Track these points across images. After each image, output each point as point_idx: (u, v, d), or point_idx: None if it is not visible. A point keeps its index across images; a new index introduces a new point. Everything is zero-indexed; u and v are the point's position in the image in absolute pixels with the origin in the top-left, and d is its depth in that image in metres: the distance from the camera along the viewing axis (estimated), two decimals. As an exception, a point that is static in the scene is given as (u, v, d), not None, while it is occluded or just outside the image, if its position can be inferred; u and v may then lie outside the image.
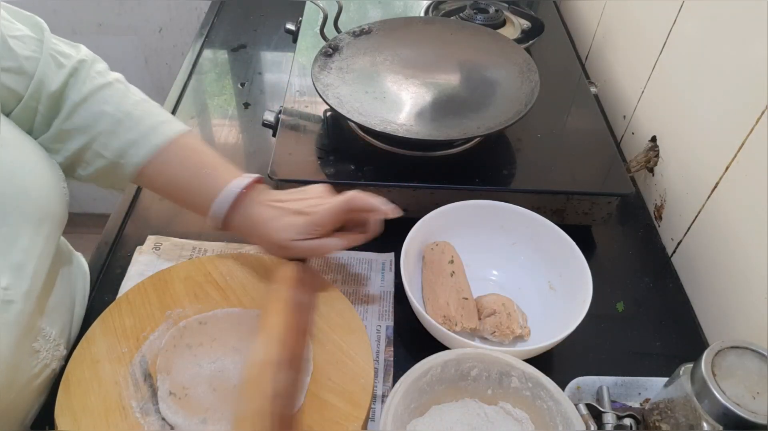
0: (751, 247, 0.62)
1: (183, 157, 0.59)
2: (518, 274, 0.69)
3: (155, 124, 0.58)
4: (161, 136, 0.58)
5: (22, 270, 0.46)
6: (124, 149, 0.57)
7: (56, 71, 0.54)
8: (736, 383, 0.44)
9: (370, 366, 0.54)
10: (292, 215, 0.58)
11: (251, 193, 0.59)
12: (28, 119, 0.54)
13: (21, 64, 0.52)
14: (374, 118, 0.73)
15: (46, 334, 0.52)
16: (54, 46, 0.55)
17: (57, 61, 0.55)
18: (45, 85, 0.53)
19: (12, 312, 0.44)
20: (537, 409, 0.53)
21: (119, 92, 0.58)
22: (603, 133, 0.81)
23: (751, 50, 0.62)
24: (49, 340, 0.52)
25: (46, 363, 0.52)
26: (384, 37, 0.87)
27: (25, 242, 0.46)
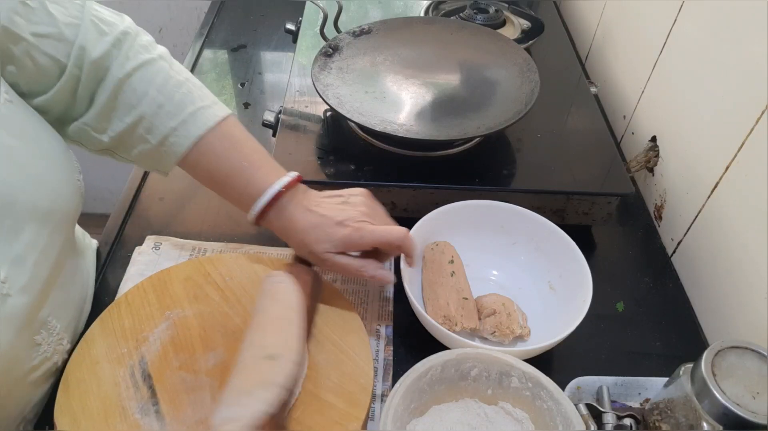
0: (751, 247, 0.62)
1: (222, 149, 0.58)
2: (518, 274, 0.69)
3: (195, 111, 0.57)
4: (200, 125, 0.57)
5: (22, 264, 0.45)
6: (165, 136, 0.56)
7: (98, 38, 0.53)
8: (736, 383, 0.44)
9: (369, 366, 0.54)
10: (334, 226, 0.56)
11: (290, 193, 0.57)
12: (71, 90, 0.53)
13: (61, 30, 0.50)
14: (374, 118, 0.73)
15: (51, 327, 0.52)
16: (96, 13, 0.54)
17: (99, 28, 0.53)
18: (87, 51, 0.52)
19: (8, 305, 0.44)
20: (537, 409, 0.53)
21: (163, 71, 0.57)
22: (603, 133, 0.81)
23: (751, 50, 0.62)
24: (53, 333, 0.52)
25: (47, 356, 0.52)
26: (384, 37, 0.87)
27: (28, 235, 0.45)
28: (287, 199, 0.57)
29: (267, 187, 0.57)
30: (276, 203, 0.57)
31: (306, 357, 0.54)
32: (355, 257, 0.58)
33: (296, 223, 0.57)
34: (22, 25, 0.47)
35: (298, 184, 0.59)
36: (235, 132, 0.59)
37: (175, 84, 0.57)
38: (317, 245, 0.56)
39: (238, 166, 0.57)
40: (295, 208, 0.57)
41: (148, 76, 0.55)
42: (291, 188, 0.58)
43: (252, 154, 0.59)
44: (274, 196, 0.56)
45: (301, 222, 0.57)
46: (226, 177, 0.58)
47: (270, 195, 0.56)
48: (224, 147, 0.58)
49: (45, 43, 0.50)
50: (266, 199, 0.56)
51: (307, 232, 0.56)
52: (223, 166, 0.58)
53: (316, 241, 0.56)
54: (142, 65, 0.55)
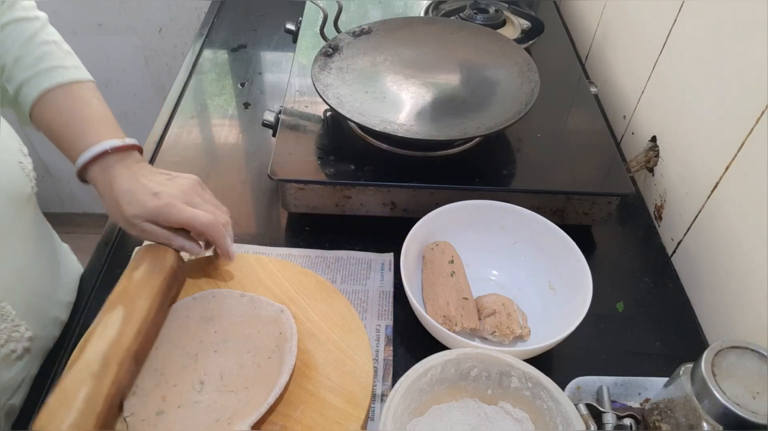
0: (751, 247, 0.62)
1: (66, 105, 0.58)
2: (518, 274, 0.69)
3: (51, 67, 0.58)
4: (50, 79, 0.57)
5: None
6: (19, 86, 0.57)
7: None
8: (736, 383, 0.44)
9: (369, 366, 0.54)
10: (149, 195, 0.56)
11: (119, 155, 0.57)
12: None
13: None
14: (374, 118, 0.73)
15: (5, 313, 0.53)
16: None
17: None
18: None
19: None
20: (537, 409, 0.53)
21: (31, 29, 0.58)
22: (603, 133, 0.81)
23: (751, 50, 0.62)
24: (6, 320, 0.53)
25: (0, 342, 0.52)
26: (384, 37, 0.87)
27: None
28: (115, 159, 0.57)
29: (96, 143, 0.57)
30: (102, 160, 0.57)
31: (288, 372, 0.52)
32: (163, 228, 0.57)
33: (116, 184, 0.56)
34: None
35: (133, 152, 0.59)
36: (86, 95, 0.60)
37: (39, 42, 0.58)
38: (128, 209, 0.56)
39: (77, 122, 0.58)
40: (122, 170, 0.57)
41: (17, 32, 0.57)
42: (122, 151, 0.58)
43: (96, 116, 0.59)
44: (100, 153, 0.56)
45: (121, 184, 0.56)
46: (62, 128, 0.58)
47: (96, 150, 0.56)
48: (68, 104, 0.58)
49: None
50: (92, 153, 0.56)
51: (122, 195, 0.56)
52: (63, 119, 0.58)
53: (128, 204, 0.56)
54: (13, 21, 0.57)
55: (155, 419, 0.48)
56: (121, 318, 0.50)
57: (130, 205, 0.56)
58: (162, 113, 0.94)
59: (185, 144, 0.88)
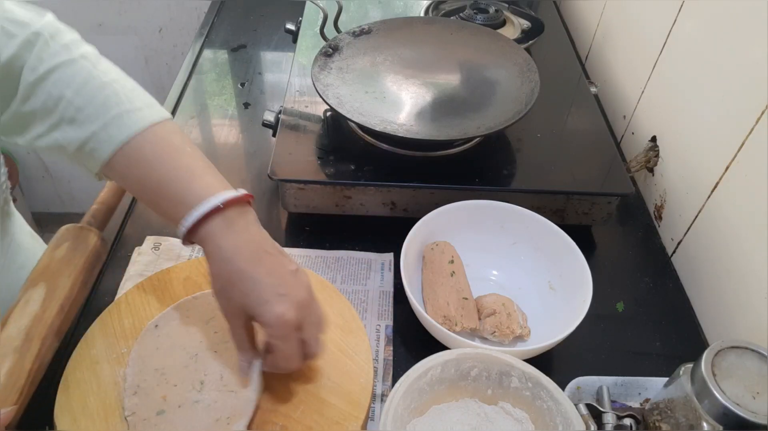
0: (751, 247, 0.62)
1: (154, 155, 0.49)
2: (518, 274, 0.69)
3: (120, 113, 0.49)
4: (126, 129, 0.49)
5: None
6: (83, 142, 0.49)
7: (5, 42, 0.47)
8: (736, 383, 0.44)
9: (369, 366, 0.54)
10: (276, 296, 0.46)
11: (237, 211, 0.48)
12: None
13: None
14: (374, 118, 0.73)
15: None
16: (5, 14, 0.48)
17: (6, 30, 0.48)
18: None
19: None
20: (537, 409, 0.53)
21: (83, 71, 0.50)
22: (603, 133, 0.81)
23: (751, 50, 0.62)
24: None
25: None
26: (384, 37, 0.87)
27: None
28: (234, 214, 0.48)
29: (209, 195, 0.47)
30: (219, 214, 0.47)
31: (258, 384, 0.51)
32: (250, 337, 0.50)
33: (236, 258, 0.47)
34: None
35: (248, 206, 0.50)
36: (173, 139, 0.51)
37: (98, 85, 0.50)
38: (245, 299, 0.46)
39: (175, 174, 0.49)
40: (254, 226, 0.49)
41: (65, 78, 0.49)
42: (239, 204, 0.48)
43: (193, 162, 0.50)
44: (214, 208, 0.47)
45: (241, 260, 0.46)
46: (158, 185, 0.49)
47: (214, 202, 0.47)
48: (157, 153, 0.49)
49: None
50: (208, 206, 0.47)
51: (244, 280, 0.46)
52: (155, 174, 0.49)
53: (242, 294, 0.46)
54: (57, 67, 0.49)
55: (156, 419, 0.48)
56: (44, 295, 0.50)
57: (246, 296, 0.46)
58: (162, 113, 0.94)
59: (185, 144, 0.88)
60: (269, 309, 0.46)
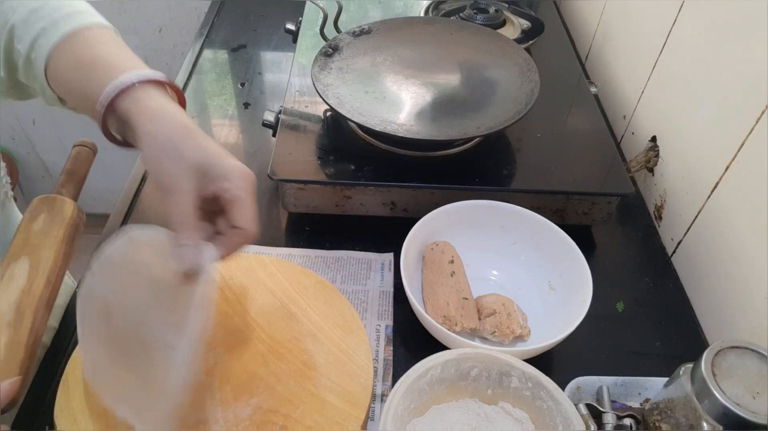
0: (751, 247, 0.62)
1: (84, 48, 0.48)
2: (518, 274, 0.69)
3: (71, 13, 0.49)
4: (72, 23, 0.49)
5: None
6: (35, 39, 0.49)
7: None
8: (736, 383, 0.44)
9: (369, 366, 0.54)
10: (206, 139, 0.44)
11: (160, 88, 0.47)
12: None
13: None
14: (374, 118, 0.73)
15: None
16: None
17: None
18: None
19: None
20: (537, 409, 0.53)
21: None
22: (603, 133, 0.81)
23: (751, 50, 0.62)
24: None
25: None
26: (384, 37, 0.87)
27: None
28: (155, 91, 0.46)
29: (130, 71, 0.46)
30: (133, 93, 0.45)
31: None
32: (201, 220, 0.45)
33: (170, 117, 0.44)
34: None
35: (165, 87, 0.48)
36: (109, 37, 0.50)
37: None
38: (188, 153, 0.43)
39: (102, 60, 0.47)
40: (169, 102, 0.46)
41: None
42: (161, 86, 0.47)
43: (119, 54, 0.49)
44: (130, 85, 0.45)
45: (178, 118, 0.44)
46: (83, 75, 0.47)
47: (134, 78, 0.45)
48: (89, 46, 0.49)
49: None
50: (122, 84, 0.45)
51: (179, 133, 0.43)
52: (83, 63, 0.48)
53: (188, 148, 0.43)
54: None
55: None
56: (28, 269, 0.50)
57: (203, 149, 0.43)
58: (162, 113, 0.94)
59: (185, 144, 0.88)
60: (232, 161, 0.43)
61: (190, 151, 0.43)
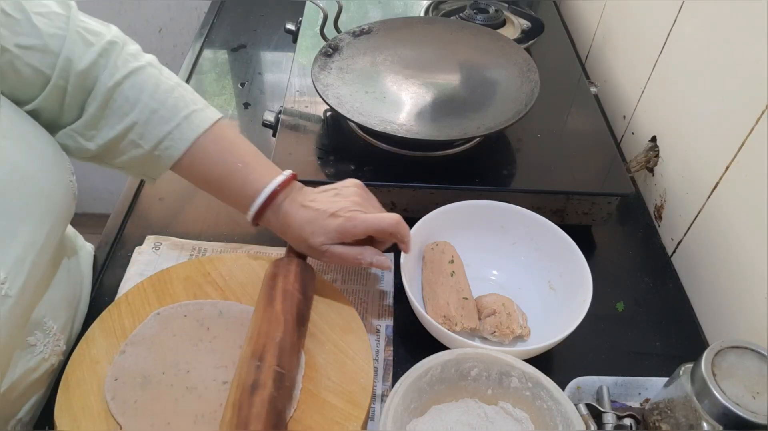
0: (751, 247, 0.62)
1: (216, 151, 0.58)
2: (518, 274, 0.69)
3: (189, 114, 0.57)
4: (195, 128, 0.57)
5: (21, 264, 0.45)
6: (160, 140, 0.56)
7: (84, 50, 0.52)
8: (736, 383, 0.44)
9: (369, 366, 0.54)
10: (328, 218, 0.57)
11: (285, 191, 0.59)
12: (57, 100, 0.53)
13: (45, 42, 0.50)
14: (374, 118, 0.73)
15: (47, 328, 0.52)
16: (82, 24, 0.53)
17: (85, 39, 0.53)
18: (73, 63, 0.51)
19: (6, 305, 0.43)
20: (537, 409, 0.53)
21: (153, 77, 0.56)
22: (603, 133, 0.81)
23: (751, 50, 0.62)
24: (49, 334, 0.52)
25: (44, 357, 0.52)
26: (384, 37, 0.87)
27: (26, 235, 0.45)
28: (282, 197, 0.58)
29: (262, 187, 0.58)
30: (272, 202, 0.58)
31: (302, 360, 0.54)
32: (351, 246, 0.59)
33: (292, 220, 0.58)
34: (6, 37, 0.47)
35: (293, 182, 0.60)
36: (228, 134, 0.60)
37: (166, 89, 0.57)
38: (313, 238, 0.57)
39: (234, 168, 0.58)
40: (290, 205, 0.58)
41: (139, 83, 0.55)
42: (286, 186, 0.59)
43: (246, 155, 0.60)
44: (269, 195, 0.58)
45: (297, 218, 0.58)
46: (221, 179, 0.59)
47: (266, 194, 0.58)
48: (218, 149, 0.58)
49: (29, 54, 0.49)
50: (262, 198, 0.58)
51: (302, 227, 0.58)
52: (218, 168, 0.58)
53: (311, 235, 0.57)
54: (131, 73, 0.55)
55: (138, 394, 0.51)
56: None
57: (314, 235, 0.57)
58: (162, 113, 0.94)
59: (185, 144, 0.88)
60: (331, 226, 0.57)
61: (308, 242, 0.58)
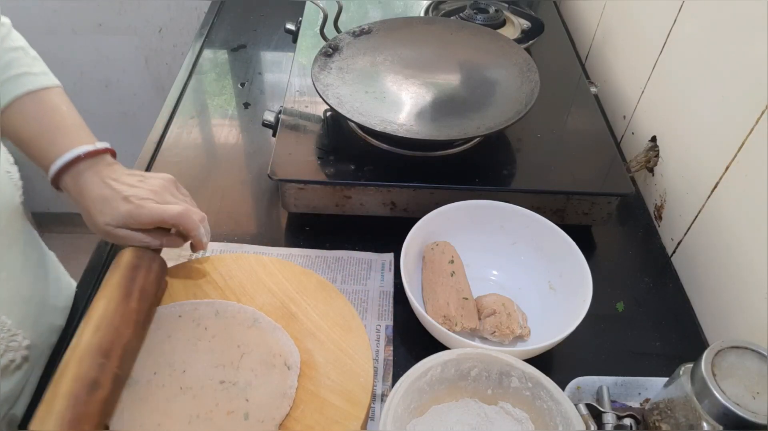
0: (751, 247, 0.62)
1: (35, 112, 0.57)
2: (518, 274, 0.69)
3: (19, 74, 0.56)
4: (19, 87, 0.56)
5: None
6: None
7: None
8: (736, 383, 0.44)
9: (369, 365, 0.54)
10: (120, 201, 0.55)
11: (91, 161, 0.56)
12: None
13: None
14: (374, 118, 0.73)
15: (0, 323, 0.53)
16: None
17: None
18: None
19: None
20: (537, 409, 0.53)
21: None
22: (603, 133, 0.81)
23: (751, 50, 0.62)
24: (2, 330, 0.53)
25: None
26: (384, 37, 0.87)
27: None
28: (86, 166, 0.56)
29: (67, 150, 0.55)
30: (73, 168, 0.55)
31: (298, 361, 0.53)
32: (138, 232, 0.57)
33: (87, 192, 0.56)
34: None
35: (105, 156, 0.57)
36: (55, 101, 0.58)
37: (6, 49, 0.56)
38: (100, 217, 0.55)
39: (47, 129, 0.56)
40: (92, 176, 0.56)
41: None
42: (93, 156, 0.56)
43: (66, 122, 0.58)
44: (72, 160, 0.55)
45: (92, 191, 0.55)
46: (32, 138, 0.56)
47: (68, 158, 0.55)
48: (38, 110, 0.57)
49: None
50: (63, 161, 0.55)
51: (94, 203, 0.55)
52: (32, 128, 0.56)
53: (99, 213, 0.55)
54: None
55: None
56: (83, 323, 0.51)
57: (101, 214, 0.55)
58: (162, 113, 0.94)
59: (185, 144, 0.88)
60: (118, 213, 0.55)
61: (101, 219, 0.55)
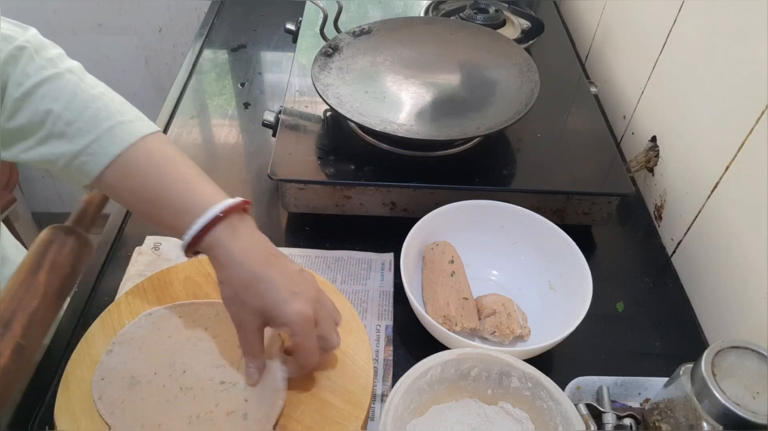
0: (751, 247, 0.62)
1: (148, 166, 0.50)
2: (518, 274, 0.69)
3: (113, 126, 0.49)
4: (119, 141, 0.49)
5: None
6: (74, 156, 0.49)
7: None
8: (736, 383, 0.44)
9: (369, 366, 0.54)
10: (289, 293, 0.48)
11: (238, 217, 0.49)
12: None
13: None
14: (374, 118, 0.73)
15: None
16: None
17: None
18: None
19: None
20: (537, 409, 0.53)
21: (70, 85, 0.50)
22: (603, 133, 0.81)
23: (751, 50, 0.62)
24: None
25: None
26: (384, 37, 0.87)
27: None
28: (236, 221, 0.49)
29: (210, 205, 0.48)
30: (219, 225, 0.48)
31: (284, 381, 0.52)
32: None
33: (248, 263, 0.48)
34: None
35: (246, 214, 0.51)
36: (165, 149, 0.51)
37: (86, 99, 0.50)
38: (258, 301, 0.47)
39: (171, 184, 0.49)
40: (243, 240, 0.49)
41: (52, 92, 0.48)
42: (238, 211, 0.49)
43: (188, 172, 0.51)
44: (216, 217, 0.48)
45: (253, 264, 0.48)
46: (155, 197, 0.50)
47: (212, 214, 0.48)
48: (152, 163, 0.50)
49: None
50: (208, 217, 0.47)
51: (259, 281, 0.47)
52: (151, 183, 0.50)
53: (260, 295, 0.47)
54: (44, 81, 0.48)
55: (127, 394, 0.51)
56: None
57: (262, 298, 0.47)
58: (162, 113, 0.94)
59: (185, 144, 0.88)
60: (289, 308, 0.47)
61: (251, 299, 0.48)
